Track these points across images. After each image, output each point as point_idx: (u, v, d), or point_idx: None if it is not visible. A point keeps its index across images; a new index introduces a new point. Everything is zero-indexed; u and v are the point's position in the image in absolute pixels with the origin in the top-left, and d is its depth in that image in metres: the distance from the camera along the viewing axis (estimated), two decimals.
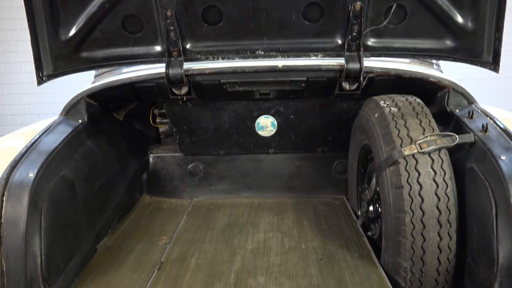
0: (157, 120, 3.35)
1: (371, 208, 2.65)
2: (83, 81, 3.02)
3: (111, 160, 2.79)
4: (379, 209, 2.59)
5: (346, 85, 2.71)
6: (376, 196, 2.51)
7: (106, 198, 2.61)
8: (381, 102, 2.39)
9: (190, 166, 3.38)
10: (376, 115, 2.38)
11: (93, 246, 2.39)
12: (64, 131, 2.42)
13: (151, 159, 3.40)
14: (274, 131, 3.19)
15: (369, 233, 2.65)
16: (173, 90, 2.75)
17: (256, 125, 3.18)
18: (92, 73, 3.08)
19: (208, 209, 3.13)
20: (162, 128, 3.42)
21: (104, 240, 2.55)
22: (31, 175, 1.94)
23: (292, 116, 3.13)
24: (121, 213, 2.86)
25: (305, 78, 2.67)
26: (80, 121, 2.63)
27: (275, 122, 3.16)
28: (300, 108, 3.10)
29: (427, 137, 2.12)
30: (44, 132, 2.34)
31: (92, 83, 2.87)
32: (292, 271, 2.22)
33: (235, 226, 2.81)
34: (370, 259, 2.33)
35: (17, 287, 1.82)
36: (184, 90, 2.74)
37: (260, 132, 3.20)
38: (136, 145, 3.33)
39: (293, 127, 3.18)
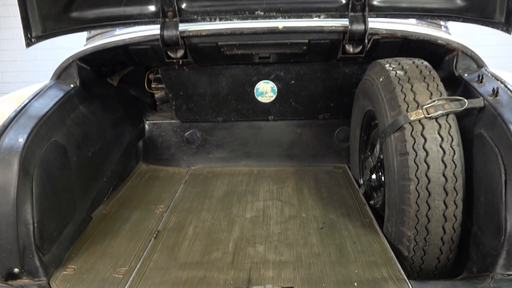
0: (153, 86, 3.23)
1: (373, 176, 2.58)
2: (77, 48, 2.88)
3: (105, 127, 2.70)
4: (382, 177, 2.52)
5: (349, 48, 2.59)
6: (379, 164, 2.43)
7: (100, 166, 2.53)
8: (387, 65, 2.28)
9: (187, 133, 3.28)
10: (381, 79, 2.27)
11: (88, 214, 2.33)
12: (55, 96, 2.31)
13: (146, 126, 3.30)
14: (274, 97, 3.08)
15: (372, 202, 2.59)
16: (169, 53, 2.62)
17: (255, 91, 3.07)
18: (84, 36, 2.95)
19: (206, 178, 3.06)
20: (158, 94, 3.31)
21: (100, 209, 2.49)
22: (21, 140, 1.86)
23: (292, 82, 3.02)
24: (117, 181, 2.79)
25: (306, 41, 2.54)
26: (72, 85, 2.53)
27: (275, 88, 3.05)
28: (301, 73, 2.98)
29: (434, 101, 2.02)
30: (34, 96, 2.24)
31: (84, 46, 2.74)
32: (292, 240, 2.17)
33: (234, 194, 2.75)
34: (372, 228, 2.27)
35: (9, 254, 1.76)
36: (180, 53, 2.62)
37: (260, 98, 3.09)
38: (131, 111, 3.23)
39: (293, 93, 3.07)
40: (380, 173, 2.56)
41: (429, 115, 1.98)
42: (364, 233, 2.22)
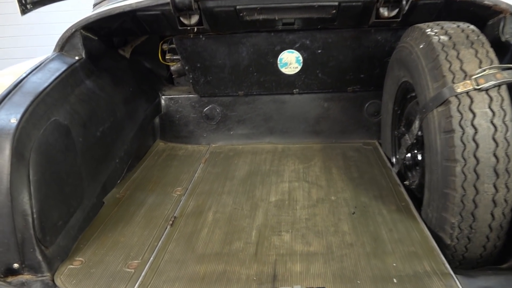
0: (167, 57, 3.01)
1: (409, 154, 2.33)
2: None
3: (116, 103, 2.51)
4: (419, 155, 2.27)
5: (384, 12, 2.32)
6: (417, 142, 2.17)
7: (111, 146, 2.36)
8: (428, 30, 2.00)
9: (206, 108, 3.08)
10: (421, 46, 1.99)
11: (98, 199, 2.17)
12: (56, 69, 2.12)
13: (163, 101, 3.11)
14: (299, 68, 2.83)
15: (406, 182, 2.35)
16: (182, 19, 2.40)
17: (278, 62, 2.82)
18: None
19: (227, 156, 2.86)
20: (173, 66, 3.10)
21: (112, 192, 2.33)
22: (13, 120, 1.67)
23: (319, 51, 2.75)
24: (131, 161, 2.62)
25: (336, 3, 2.27)
26: (76, 57, 2.34)
27: (300, 58, 2.79)
28: (328, 41, 2.71)
29: (484, 70, 1.75)
30: (33, 70, 2.05)
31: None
32: (322, 227, 1.97)
33: (257, 175, 2.55)
34: (409, 213, 2.04)
35: (7, 249, 1.61)
36: (194, 19, 2.39)
37: (283, 70, 2.85)
38: (146, 85, 3.03)
39: (320, 63, 2.81)
40: (416, 151, 2.31)
41: (479, 87, 1.72)
42: (401, 219, 2.00)
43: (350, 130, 3.04)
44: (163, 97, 3.11)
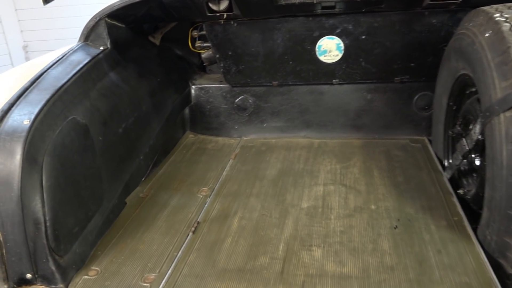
0: (197, 45, 2.82)
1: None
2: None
3: (141, 96, 2.35)
4: (477, 160, 1.96)
5: None
6: (476, 146, 1.87)
7: (135, 143, 2.21)
8: (496, 15, 1.68)
9: (238, 99, 2.87)
10: (487, 35, 1.68)
11: (120, 200, 2.03)
12: (78, 62, 1.98)
13: (193, 91, 2.92)
14: (340, 56, 2.55)
15: (460, 191, 2.06)
16: (210, 5, 2.19)
17: (317, 49, 2.55)
18: None
19: (258, 151, 2.66)
20: (204, 54, 2.90)
21: (136, 191, 2.19)
22: (26, 122, 1.54)
23: (363, 37, 2.46)
24: (158, 156, 2.47)
25: None
26: (101, 47, 2.19)
27: (342, 45, 2.51)
28: (374, 25, 2.41)
29: None
30: (54, 63, 1.92)
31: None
32: (358, 243, 1.74)
33: (289, 175, 2.33)
34: (463, 231, 1.77)
35: (19, 258, 1.51)
36: (224, 4, 2.19)
37: (322, 58, 2.58)
38: (176, 74, 2.85)
39: (364, 50, 2.52)
40: (474, 155, 2.01)
41: None
42: (452, 238, 1.73)
43: (396, 125, 2.74)
44: (193, 86, 2.92)
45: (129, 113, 2.17)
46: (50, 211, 1.53)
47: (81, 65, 1.97)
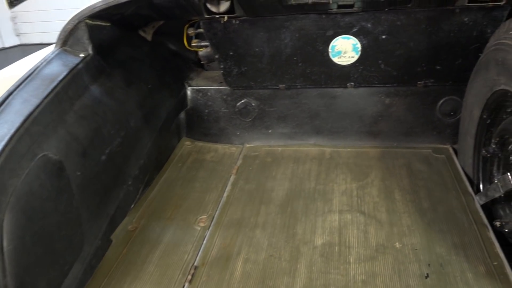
0: (193, 44, 2.49)
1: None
2: None
3: (129, 109, 2.05)
4: None
5: None
6: None
7: (122, 167, 1.92)
8: None
9: (240, 103, 2.56)
10: None
11: (104, 239, 1.76)
12: (52, 78, 1.68)
13: (189, 93, 2.61)
14: (357, 57, 2.24)
15: (497, 223, 1.79)
16: (208, 6, 1.87)
17: (330, 50, 2.23)
18: None
19: (263, 163, 2.38)
20: (201, 52, 2.57)
21: (123, 224, 1.92)
22: None
23: (384, 36, 2.14)
24: (149, 175, 2.19)
25: None
26: (82, 54, 1.87)
27: (359, 45, 2.19)
28: (397, 23, 2.08)
29: None
30: (22, 82, 1.61)
31: None
32: None
33: (299, 198, 2.06)
34: (506, 281, 1.51)
35: None
36: (225, 5, 1.88)
37: (336, 60, 2.26)
38: (170, 75, 2.54)
39: (384, 52, 2.20)
40: None
41: None
42: None
43: (417, 132, 2.45)
44: (189, 88, 2.61)
45: (115, 134, 1.88)
46: (14, 279, 1.26)
47: (55, 82, 1.66)
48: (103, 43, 2.02)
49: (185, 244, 1.81)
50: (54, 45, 1.95)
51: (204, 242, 1.81)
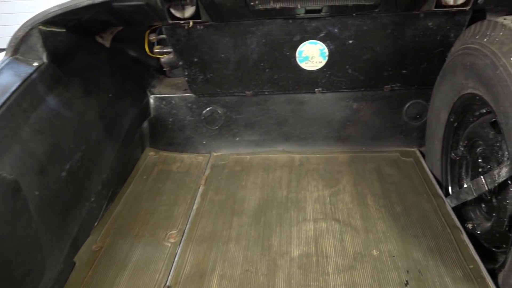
0: (155, 50, 2.39)
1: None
2: None
3: (89, 121, 1.92)
4: (492, 199, 1.70)
5: None
6: (498, 190, 1.59)
7: (85, 182, 1.80)
8: None
9: (205, 110, 2.48)
10: None
11: (67, 262, 1.63)
12: (3, 90, 1.54)
13: (152, 102, 2.50)
14: (324, 62, 2.21)
15: (469, 225, 1.82)
16: (173, 11, 1.79)
17: (297, 55, 2.20)
18: None
19: (232, 172, 2.31)
20: (164, 58, 2.47)
21: (87, 243, 1.78)
22: None
23: (350, 41, 2.13)
24: (113, 190, 2.07)
25: None
26: (35, 63, 1.74)
27: (326, 50, 2.17)
28: (363, 28, 2.07)
29: None
30: None
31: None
32: None
33: (272, 207, 2.01)
34: (483, 283, 1.52)
35: None
36: (189, 11, 1.79)
37: (304, 65, 2.23)
38: (131, 83, 2.42)
39: (351, 57, 2.19)
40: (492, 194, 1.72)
41: None
42: None
43: (384, 136, 2.46)
44: (152, 96, 2.50)
45: (75, 148, 1.75)
46: None
47: (7, 94, 1.52)
48: (58, 50, 1.89)
49: (156, 262, 1.70)
50: (3, 53, 1.80)
51: (176, 259, 1.71)
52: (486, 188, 1.57)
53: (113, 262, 1.71)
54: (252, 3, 1.76)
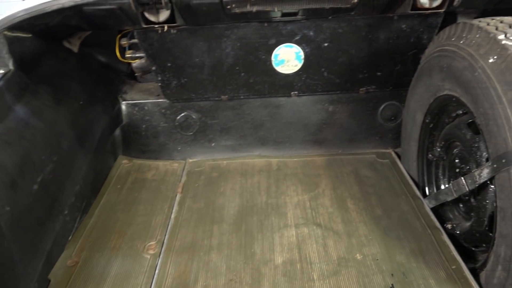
0: (127, 55, 2.32)
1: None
2: None
3: (60, 130, 1.83)
4: (472, 200, 1.72)
5: (425, 0, 1.73)
6: (478, 190, 1.62)
7: (57, 195, 1.71)
8: (500, 36, 1.41)
9: (180, 116, 2.42)
10: (491, 60, 1.41)
11: (41, 280, 1.54)
12: None
13: (124, 108, 2.42)
14: (300, 66, 2.20)
15: (448, 225, 1.84)
16: (146, 15, 1.73)
17: (273, 59, 2.17)
18: None
19: (209, 179, 2.26)
20: (135, 63, 2.39)
21: (62, 258, 1.70)
22: None
23: (326, 44, 2.12)
24: (87, 201, 1.98)
25: None
26: (1, 71, 1.65)
27: (301, 53, 2.16)
28: (338, 31, 2.07)
29: None
30: None
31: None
32: None
33: (252, 214, 1.97)
34: (466, 284, 1.53)
35: None
36: (164, 15, 1.75)
37: (279, 68, 2.21)
38: (102, 90, 2.33)
39: (327, 60, 2.18)
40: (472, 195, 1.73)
41: None
42: None
43: (360, 138, 2.47)
44: (123, 102, 2.42)
45: (46, 159, 1.66)
46: None
47: None
48: (25, 57, 1.80)
49: (136, 275, 1.64)
50: None
51: (156, 271, 1.65)
52: (467, 189, 1.59)
53: (90, 277, 1.63)
54: (228, 7, 1.73)
